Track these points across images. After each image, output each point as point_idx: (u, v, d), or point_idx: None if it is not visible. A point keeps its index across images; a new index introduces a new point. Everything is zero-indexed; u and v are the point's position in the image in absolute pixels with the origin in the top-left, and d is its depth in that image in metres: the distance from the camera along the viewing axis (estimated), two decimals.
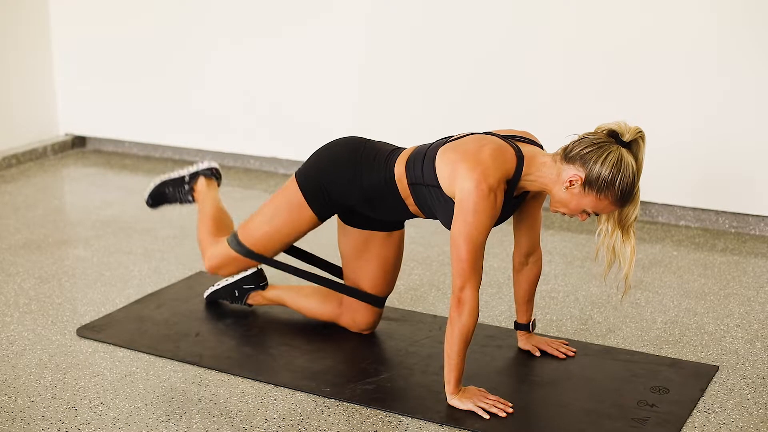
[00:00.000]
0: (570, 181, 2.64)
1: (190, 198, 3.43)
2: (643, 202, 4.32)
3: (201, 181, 3.41)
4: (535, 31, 4.43)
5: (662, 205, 4.38)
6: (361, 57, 4.84)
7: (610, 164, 2.59)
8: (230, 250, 3.09)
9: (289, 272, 3.13)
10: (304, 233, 3.03)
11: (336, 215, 3.08)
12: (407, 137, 3.73)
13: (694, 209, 4.32)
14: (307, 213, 2.97)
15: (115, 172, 5.35)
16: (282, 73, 5.06)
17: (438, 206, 2.78)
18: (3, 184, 5.05)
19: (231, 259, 3.10)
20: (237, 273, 3.19)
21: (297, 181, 2.98)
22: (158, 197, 3.46)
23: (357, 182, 2.90)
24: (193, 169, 3.44)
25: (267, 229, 3.02)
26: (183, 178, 3.43)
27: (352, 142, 2.99)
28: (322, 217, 2.99)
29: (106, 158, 5.60)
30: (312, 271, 3.21)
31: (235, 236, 3.08)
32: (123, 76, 5.50)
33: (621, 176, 2.60)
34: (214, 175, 3.44)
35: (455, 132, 3.28)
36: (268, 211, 3.03)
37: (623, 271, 2.74)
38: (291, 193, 2.98)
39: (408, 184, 2.83)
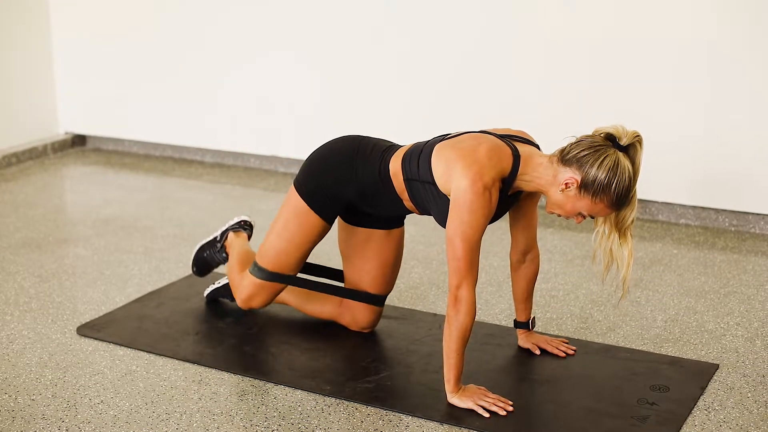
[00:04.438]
0: (566, 184, 2.64)
1: (225, 254, 3.41)
2: (643, 201, 4.32)
3: (230, 236, 3.41)
4: (528, 28, 4.43)
5: (662, 203, 4.38)
6: (353, 55, 4.84)
7: (606, 168, 2.59)
8: (254, 278, 3.06)
9: (313, 289, 3.11)
10: (317, 240, 3.01)
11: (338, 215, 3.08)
12: (398, 136, 3.73)
13: (694, 207, 4.32)
14: (313, 218, 2.95)
15: (115, 170, 5.35)
16: (280, 72, 5.06)
17: (433, 203, 2.78)
18: (3, 182, 5.05)
19: (258, 288, 3.07)
20: (270, 301, 3.12)
21: (296, 188, 2.98)
22: (201, 264, 3.46)
23: (352, 177, 2.90)
24: (223, 228, 3.45)
25: (280, 244, 2.99)
26: (215, 239, 3.43)
27: (344, 140, 2.99)
28: (328, 219, 2.97)
29: (106, 157, 5.60)
30: (321, 282, 3.18)
31: (255, 264, 3.06)
32: (123, 74, 5.50)
33: (617, 180, 2.59)
34: (242, 227, 3.44)
35: (442, 129, 3.28)
36: (277, 227, 3.01)
37: (621, 274, 2.74)
38: (293, 202, 2.97)
39: (404, 180, 2.83)
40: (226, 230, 3.43)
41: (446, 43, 4.62)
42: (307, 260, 3.26)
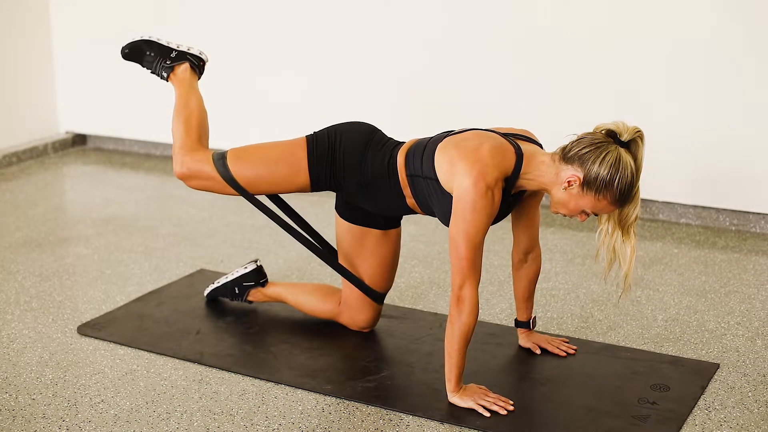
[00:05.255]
0: (568, 182, 2.64)
1: (165, 75, 3.24)
2: (643, 200, 4.32)
3: (185, 68, 3.25)
4: (524, 26, 4.43)
5: (663, 202, 4.37)
6: (351, 53, 4.84)
7: (608, 164, 2.59)
8: (213, 168, 2.98)
9: (268, 216, 3.04)
10: (293, 192, 2.99)
11: (335, 212, 3.08)
12: (396, 136, 3.73)
13: (695, 207, 4.32)
14: (304, 178, 2.93)
15: (116, 170, 5.35)
16: (280, 73, 5.06)
17: (435, 200, 2.78)
18: (4, 182, 5.05)
19: (208, 176, 2.99)
20: (204, 190, 3.05)
21: (307, 142, 2.95)
22: (136, 52, 3.21)
23: (363, 161, 2.89)
24: (184, 48, 3.24)
25: (260, 171, 2.94)
26: (170, 51, 3.21)
27: (368, 125, 3.00)
28: (315, 187, 2.96)
29: (106, 156, 5.61)
30: (298, 233, 3.12)
31: (223, 158, 2.98)
32: (123, 73, 5.48)
33: (619, 176, 2.59)
34: (199, 68, 3.29)
35: (439, 130, 3.27)
36: (269, 155, 2.96)
37: (623, 271, 2.73)
38: (298, 153, 2.94)
39: (407, 176, 2.83)
40: (185, 54, 3.22)
41: (444, 45, 4.61)
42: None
